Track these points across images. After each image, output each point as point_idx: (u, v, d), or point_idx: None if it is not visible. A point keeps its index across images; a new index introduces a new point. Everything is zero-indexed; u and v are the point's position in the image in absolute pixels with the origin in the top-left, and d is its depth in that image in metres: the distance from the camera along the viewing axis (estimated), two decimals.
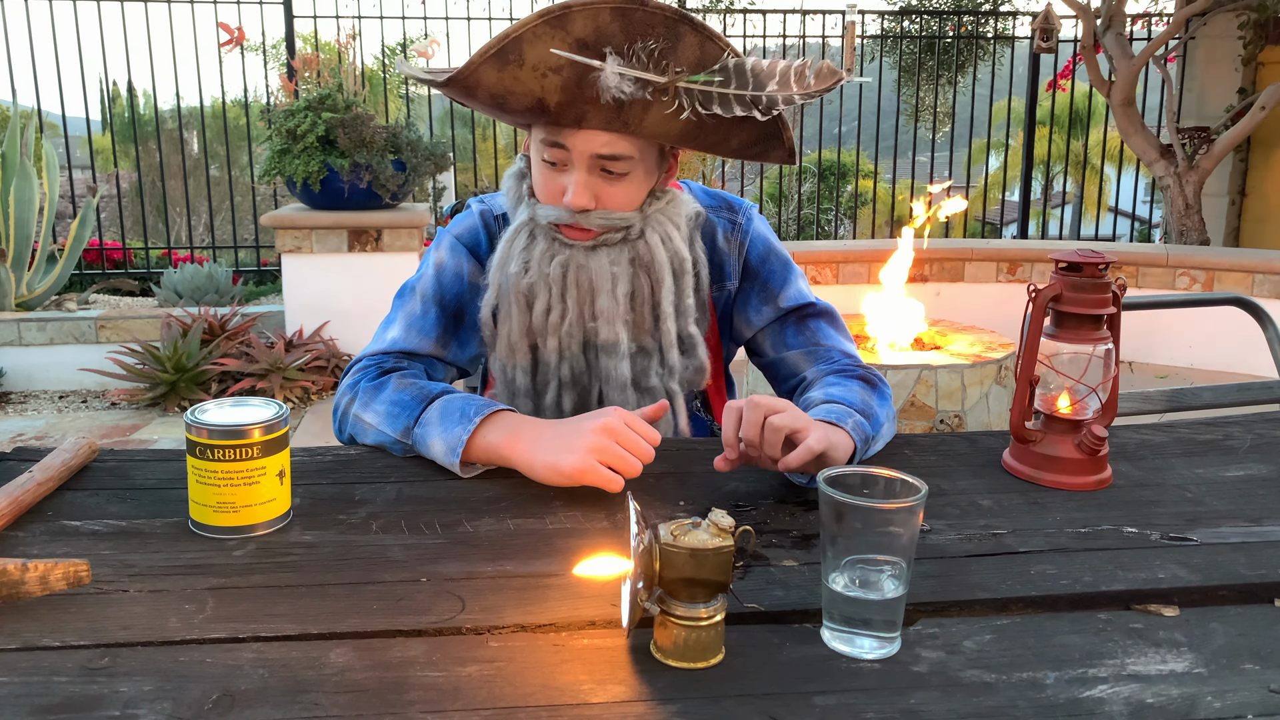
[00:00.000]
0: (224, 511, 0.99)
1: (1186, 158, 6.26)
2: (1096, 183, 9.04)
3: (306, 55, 5.02)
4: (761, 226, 1.46)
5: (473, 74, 1.16)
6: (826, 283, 5.46)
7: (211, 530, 0.99)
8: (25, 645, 0.79)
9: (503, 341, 1.33)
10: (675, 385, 1.35)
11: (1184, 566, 0.96)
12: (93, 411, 4.45)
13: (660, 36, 1.14)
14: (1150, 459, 1.28)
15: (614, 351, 1.31)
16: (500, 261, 1.32)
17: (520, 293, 1.30)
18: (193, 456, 0.99)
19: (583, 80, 1.15)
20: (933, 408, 3.30)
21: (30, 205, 5.15)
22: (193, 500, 1.00)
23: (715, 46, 1.16)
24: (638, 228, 1.29)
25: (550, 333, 1.30)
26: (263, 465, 0.99)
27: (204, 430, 0.98)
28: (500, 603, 0.87)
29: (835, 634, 0.82)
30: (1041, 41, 6.50)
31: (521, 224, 1.31)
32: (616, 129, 1.21)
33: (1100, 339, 1.17)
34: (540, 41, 1.12)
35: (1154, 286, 5.38)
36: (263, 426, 0.99)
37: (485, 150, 10.71)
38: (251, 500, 0.99)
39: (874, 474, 0.86)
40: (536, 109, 1.19)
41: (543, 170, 1.28)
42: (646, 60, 1.14)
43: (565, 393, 1.34)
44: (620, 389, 1.32)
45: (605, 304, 1.28)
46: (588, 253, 1.28)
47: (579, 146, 1.23)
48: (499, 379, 1.36)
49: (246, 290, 5.96)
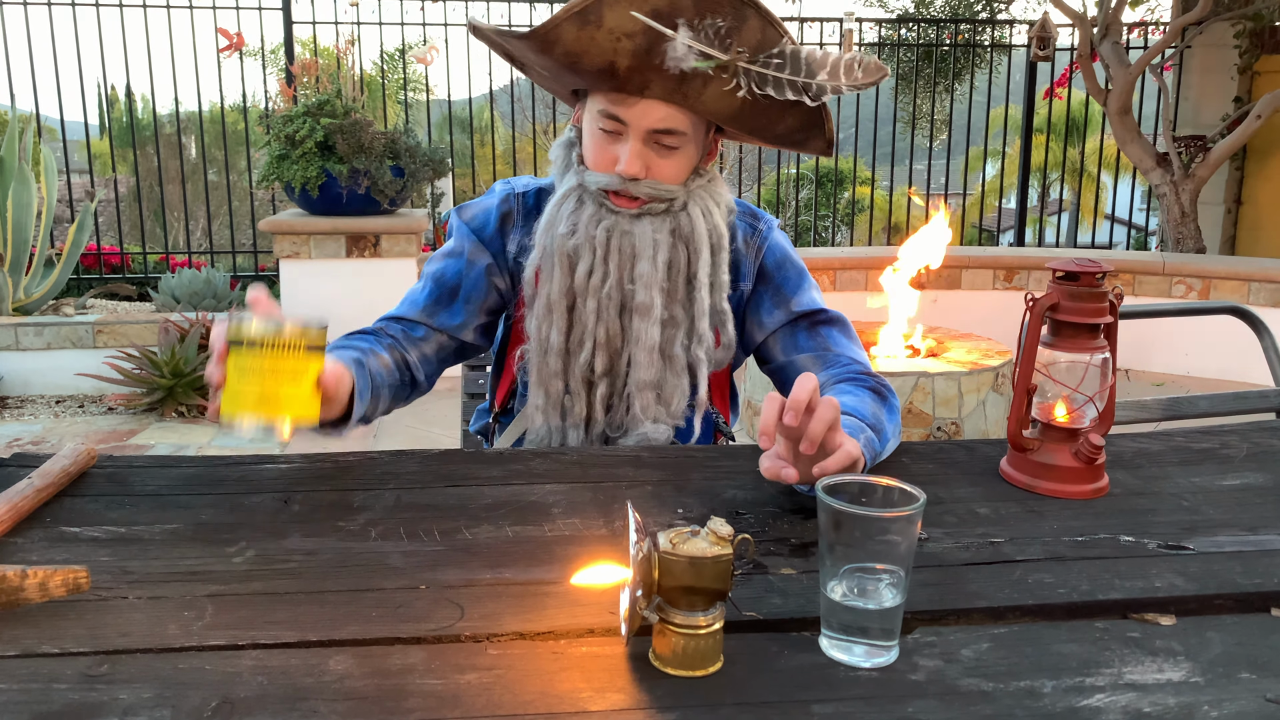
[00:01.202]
0: (266, 407, 1.03)
1: (1183, 166, 6.28)
2: (1093, 190, 9.05)
3: (305, 61, 5.03)
4: (781, 237, 1.51)
5: (554, 29, 1.20)
6: (824, 290, 5.45)
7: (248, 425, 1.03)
8: (24, 652, 0.79)
9: (541, 300, 1.37)
10: (701, 354, 1.39)
11: (1181, 575, 0.97)
12: (90, 416, 4.45)
13: (728, 16, 1.20)
14: (1147, 468, 1.28)
15: (647, 315, 1.35)
16: (548, 223, 1.37)
17: (565, 254, 1.35)
18: (246, 353, 1.03)
19: (653, 49, 1.20)
20: (930, 415, 3.31)
21: (28, 210, 5.15)
22: (232, 397, 1.03)
23: (775, 32, 1.22)
24: (681, 200, 1.36)
25: (591, 294, 1.35)
26: (308, 365, 1.05)
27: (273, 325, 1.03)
28: (499, 610, 0.87)
29: (833, 642, 0.83)
30: (1038, 50, 6.52)
31: (571, 189, 1.37)
32: (676, 101, 1.27)
33: (1097, 348, 1.18)
34: (620, 6, 1.18)
35: (1151, 294, 5.39)
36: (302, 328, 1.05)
37: (484, 156, 10.71)
38: (294, 396, 1.04)
39: (872, 483, 0.87)
40: (606, 71, 1.24)
41: (598, 138, 1.33)
42: (713, 36, 1.20)
43: (598, 353, 1.37)
44: (648, 351, 1.36)
45: (644, 269, 1.34)
46: (632, 220, 1.34)
47: (636, 119, 1.29)
48: (533, 337, 1.39)
49: (244, 295, 5.96)
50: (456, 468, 1.23)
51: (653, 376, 1.37)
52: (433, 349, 1.43)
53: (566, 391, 1.39)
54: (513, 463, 1.25)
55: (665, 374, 1.37)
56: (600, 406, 1.40)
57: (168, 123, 7.64)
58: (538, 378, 1.40)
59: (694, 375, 1.39)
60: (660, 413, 1.39)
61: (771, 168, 8.01)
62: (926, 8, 8.67)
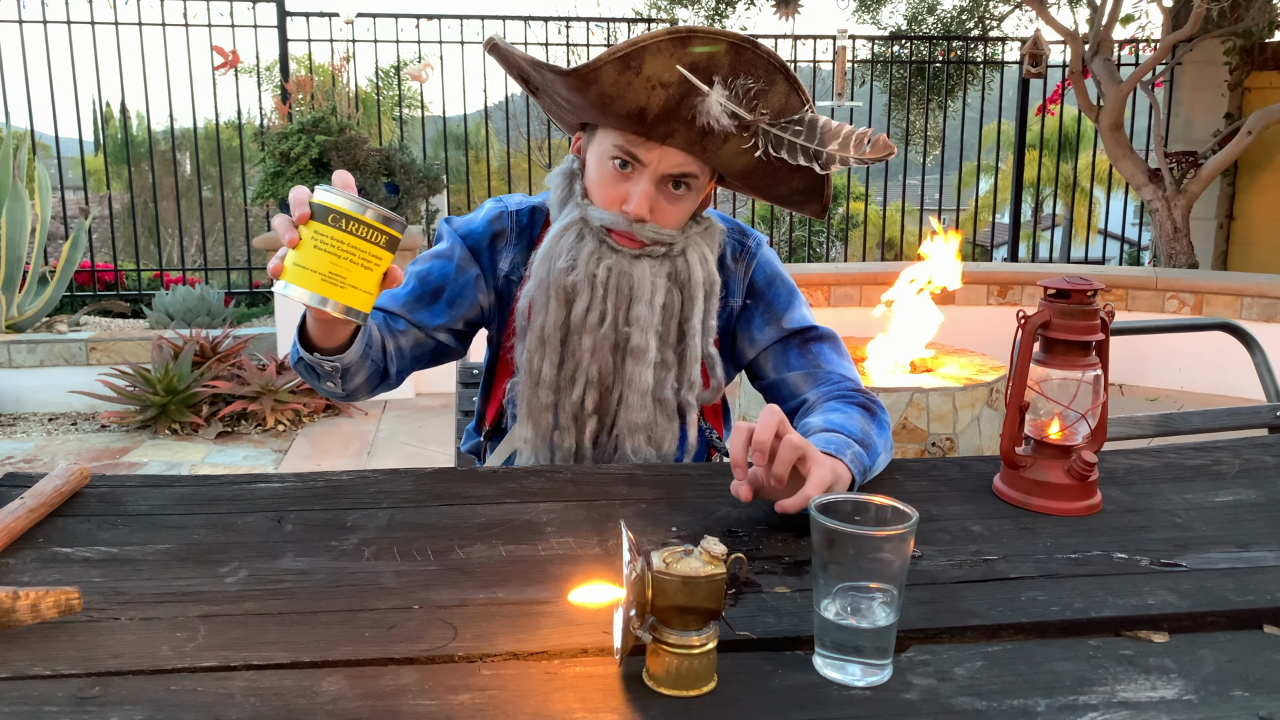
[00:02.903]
0: (331, 283, 1.03)
1: (1174, 182, 6.32)
2: (1086, 205, 9.10)
3: (300, 78, 5.05)
4: (770, 254, 1.52)
5: (595, 71, 1.21)
6: (818, 305, 5.47)
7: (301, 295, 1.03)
8: (16, 674, 0.79)
9: (535, 333, 1.37)
10: (692, 399, 1.40)
11: (1173, 592, 0.97)
12: (82, 434, 4.44)
13: (760, 78, 1.23)
14: (1140, 484, 1.28)
15: (641, 358, 1.35)
16: (546, 254, 1.36)
17: (562, 288, 1.34)
18: (330, 225, 1.02)
19: (684, 101, 1.23)
20: (924, 430, 3.31)
21: (22, 227, 5.15)
22: (300, 264, 1.03)
23: (798, 99, 1.26)
24: (680, 245, 1.36)
25: (587, 331, 1.35)
26: (382, 256, 1.05)
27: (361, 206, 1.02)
28: (492, 630, 0.87)
29: (827, 661, 0.83)
30: (1030, 67, 6.56)
31: (571, 222, 1.36)
32: (695, 152, 1.29)
33: (1089, 365, 1.18)
34: (661, 55, 1.19)
35: (1143, 309, 5.41)
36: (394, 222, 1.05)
37: (478, 172, 10.73)
38: (360, 284, 1.04)
39: (865, 501, 0.87)
40: (635, 116, 1.25)
41: (608, 174, 1.33)
42: (742, 96, 1.23)
43: (589, 391, 1.37)
44: (640, 395, 1.36)
45: (642, 311, 1.34)
46: (632, 260, 1.34)
47: (655, 163, 1.30)
48: (524, 368, 1.39)
49: (238, 312, 5.95)
50: (450, 486, 1.23)
51: (644, 419, 1.37)
52: (409, 343, 1.42)
53: (556, 426, 1.39)
54: (506, 481, 1.25)
55: (656, 416, 1.38)
56: (589, 443, 1.40)
57: (163, 139, 7.64)
58: (527, 410, 1.39)
59: (684, 419, 1.40)
60: (650, 454, 1.39)
61: None
62: (919, 25, 8.72)
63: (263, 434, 4.39)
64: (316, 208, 1.03)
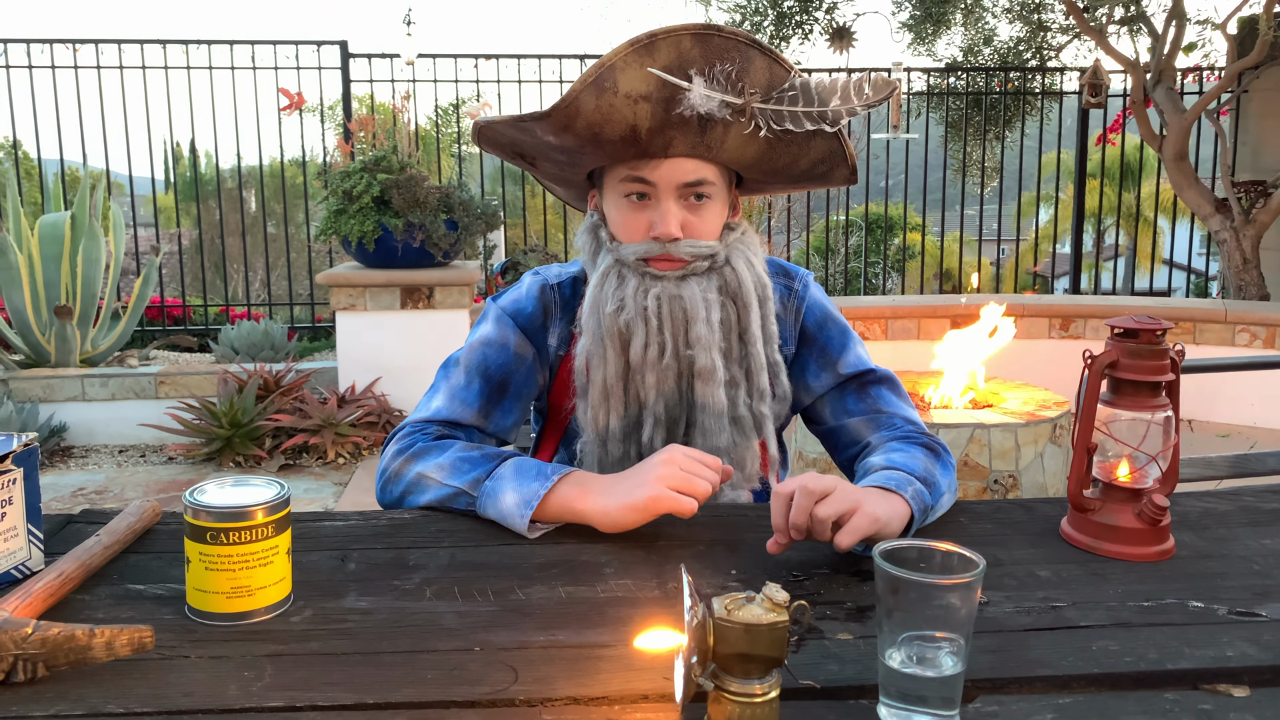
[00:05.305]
0: (238, 597, 0.96)
1: (1243, 211, 6.17)
2: (1149, 235, 8.92)
3: (362, 117, 5.17)
4: (818, 293, 1.48)
5: (574, 102, 1.21)
6: (875, 339, 5.42)
7: (219, 618, 0.95)
8: (90, 711, 0.80)
9: (597, 387, 1.34)
10: (765, 410, 1.37)
11: (1253, 644, 0.93)
12: (151, 466, 4.55)
13: (734, 60, 1.21)
14: (1214, 528, 1.24)
15: (710, 378, 1.32)
16: (592, 305, 1.34)
17: (617, 331, 1.32)
18: (200, 542, 0.95)
19: (670, 106, 1.21)
20: (986, 467, 3.25)
21: (97, 265, 5.33)
22: (196, 589, 0.96)
23: (781, 69, 1.23)
24: (722, 255, 1.35)
25: (649, 369, 1.32)
26: (275, 544, 0.97)
27: (211, 513, 0.94)
28: (552, 674, 0.87)
29: (892, 711, 0.81)
30: (1090, 97, 6.48)
31: (609, 266, 1.35)
32: (700, 154, 1.28)
33: (1159, 406, 1.15)
34: (630, 69, 1.19)
35: (1213, 343, 5.27)
36: (266, 507, 0.96)
37: (534, 207, 10.88)
38: (266, 581, 0.97)
39: (931, 547, 0.85)
40: (629, 138, 1.25)
41: (626, 210, 1.33)
42: (724, 82, 1.22)
43: (657, 430, 1.35)
44: (717, 418, 1.33)
45: (701, 331, 1.31)
46: (679, 283, 1.32)
47: (665, 178, 1.29)
48: (589, 427, 1.36)
49: (301, 346, 6.08)
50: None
51: (724, 443, 1.34)
52: (494, 442, 1.41)
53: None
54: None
55: (735, 437, 1.35)
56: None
57: (229, 177, 7.87)
58: (599, 470, 1.36)
59: (761, 432, 1.37)
60: (737, 478, 1.36)
61: (820, 215, 8.02)
62: (975, 56, 8.67)
63: (323, 466, 4.46)
64: (190, 527, 0.95)
